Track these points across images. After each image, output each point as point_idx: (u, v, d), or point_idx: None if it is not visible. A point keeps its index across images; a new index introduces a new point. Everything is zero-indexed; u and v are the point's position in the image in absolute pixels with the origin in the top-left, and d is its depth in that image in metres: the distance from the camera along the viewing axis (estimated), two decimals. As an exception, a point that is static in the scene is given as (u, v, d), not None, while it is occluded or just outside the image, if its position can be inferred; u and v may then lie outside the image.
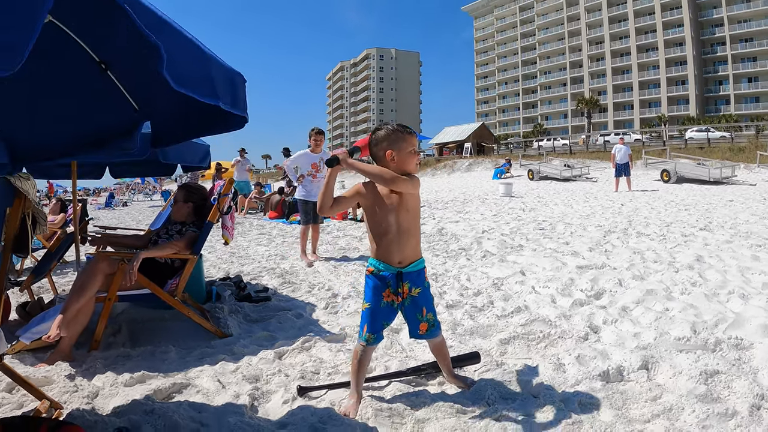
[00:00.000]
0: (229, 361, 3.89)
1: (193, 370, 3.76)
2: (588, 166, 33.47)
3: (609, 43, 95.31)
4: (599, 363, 3.50)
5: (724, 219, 11.48)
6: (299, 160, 8.64)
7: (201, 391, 3.40)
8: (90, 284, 4.01)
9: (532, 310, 4.98)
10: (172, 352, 4.15)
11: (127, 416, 2.87)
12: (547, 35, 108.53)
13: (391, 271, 3.05)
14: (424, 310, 3.15)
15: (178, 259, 4.68)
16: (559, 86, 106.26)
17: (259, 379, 3.58)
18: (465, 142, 64.42)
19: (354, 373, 3.14)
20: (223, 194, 4.87)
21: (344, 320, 5.02)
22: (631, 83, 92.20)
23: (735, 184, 22.60)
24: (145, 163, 7.10)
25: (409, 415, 2.91)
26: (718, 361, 3.42)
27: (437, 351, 3.36)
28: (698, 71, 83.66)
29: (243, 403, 3.16)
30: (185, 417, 2.87)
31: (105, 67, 2.84)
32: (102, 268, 4.09)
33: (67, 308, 3.86)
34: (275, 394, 3.35)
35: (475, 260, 7.70)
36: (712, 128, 45.33)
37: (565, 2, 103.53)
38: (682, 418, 2.77)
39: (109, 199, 36.98)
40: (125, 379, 3.50)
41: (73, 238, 5.95)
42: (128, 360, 4.03)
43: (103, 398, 3.27)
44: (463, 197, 21.98)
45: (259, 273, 7.36)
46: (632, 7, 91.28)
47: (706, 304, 4.85)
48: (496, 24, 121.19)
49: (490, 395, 3.12)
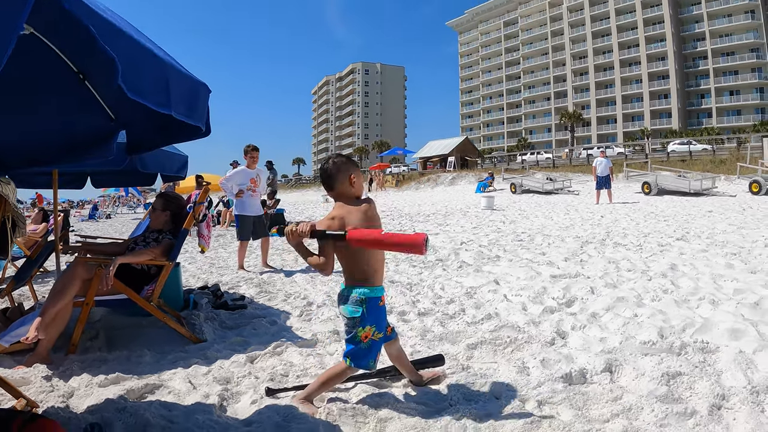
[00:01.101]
0: (201, 365, 3.96)
1: (167, 372, 3.82)
2: (570, 179, 33.66)
3: (592, 58, 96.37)
4: (563, 366, 3.58)
5: (702, 229, 11.64)
6: (236, 177, 8.63)
7: (172, 392, 3.46)
8: (68, 288, 4.07)
9: (502, 317, 5.06)
10: (147, 356, 4.21)
11: (100, 414, 2.93)
12: (531, 50, 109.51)
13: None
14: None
15: (155, 265, 4.73)
16: (543, 100, 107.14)
17: (229, 381, 3.65)
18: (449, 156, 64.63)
19: (323, 383, 3.20)
20: (198, 203, 4.92)
21: (317, 327, 5.08)
22: (614, 97, 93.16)
23: (715, 196, 22.84)
24: (125, 172, 7.12)
25: (372, 415, 2.98)
26: (682, 363, 3.49)
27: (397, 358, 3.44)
28: (680, 85, 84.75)
29: (212, 402, 3.23)
30: (155, 415, 2.93)
31: (83, 77, 2.87)
32: (80, 273, 4.15)
33: (45, 311, 3.91)
34: (244, 395, 3.41)
35: (451, 270, 7.77)
36: (694, 141, 45.82)
37: (549, 17, 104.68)
38: (641, 418, 2.85)
39: (92, 211, 36.84)
40: (100, 380, 3.55)
41: (54, 247, 5.95)
42: (104, 363, 4.08)
43: (78, 398, 3.33)
44: (445, 210, 22.07)
45: (237, 283, 7.40)
46: (615, 22, 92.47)
47: (675, 310, 4.94)
48: (481, 39, 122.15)
49: (453, 396, 3.20)
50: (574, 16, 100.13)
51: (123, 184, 7.47)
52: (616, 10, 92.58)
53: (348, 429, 2.88)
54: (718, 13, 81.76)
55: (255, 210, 8.76)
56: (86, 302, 4.18)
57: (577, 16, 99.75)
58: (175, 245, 4.79)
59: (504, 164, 55.71)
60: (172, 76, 2.34)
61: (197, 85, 2.54)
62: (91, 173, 7.26)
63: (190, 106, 2.47)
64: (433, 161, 68.64)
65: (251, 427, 2.88)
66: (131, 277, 4.60)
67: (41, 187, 6.88)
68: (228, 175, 8.74)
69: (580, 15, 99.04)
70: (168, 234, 4.95)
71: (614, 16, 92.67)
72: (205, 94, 2.60)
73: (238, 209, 8.68)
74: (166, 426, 2.85)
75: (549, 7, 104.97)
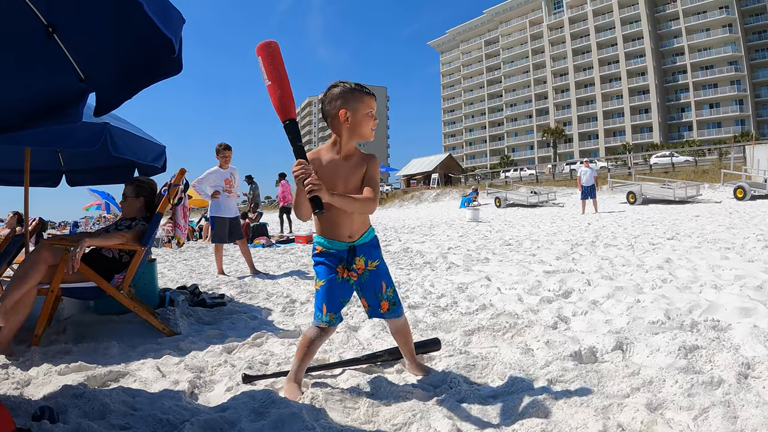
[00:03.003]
0: (174, 355, 3.63)
1: (135, 363, 3.50)
2: (555, 192, 33.65)
3: (573, 75, 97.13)
4: (570, 346, 3.29)
5: (692, 230, 11.48)
6: (209, 178, 8.22)
7: (138, 380, 3.14)
8: (31, 273, 3.73)
9: (498, 306, 4.77)
10: (115, 347, 3.88)
11: (55, 399, 2.62)
12: (513, 68, 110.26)
13: (341, 248, 2.80)
14: (384, 285, 2.90)
15: (126, 253, 4.38)
16: (525, 118, 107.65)
17: (203, 370, 3.32)
18: (432, 173, 64.78)
19: (299, 357, 2.84)
20: (173, 185, 4.59)
21: (301, 320, 4.76)
22: (595, 113, 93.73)
23: (700, 203, 22.86)
24: (101, 169, 6.78)
25: (362, 399, 2.67)
26: (697, 337, 3.26)
27: (399, 334, 3.06)
28: (661, 99, 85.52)
29: (182, 389, 2.90)
30: (117, 401, 2.62)
31: (52, 30, 2.58)
32: (45, 257, 3.81)
33: (5, 297, 3.59)
34: (219, 383, 3.08)
35: (440, 271, 7.47)
36: (676, 153, 46.14)
37: (530, 36, 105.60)
38: (664, 389, 2.58)
39: (73, 228, 36.33)
40: (60, 368, 3.25)
41: (23, 241, 5.58)
42: (68, 354, 3.76)
43: (35, 386, 3.03)
44: (430, 223, 21.84)
45: (217, 285, 7.04)
46: (595, 39, 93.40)
47: (678, 294, 4.72)
48: (462, 58, 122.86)
49: (453, 379, 2.88)
50: (554, 34, 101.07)
51: (99, 182, 7.07)
52: (595, 27, 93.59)
53: (335, 415, 2.54)
54: (696, 28, 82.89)
55: (231, 212, 8.37)
56: (51, 289, 3.84)
57: (557, 34, 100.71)
58: (147, 230, 4.44)
59: (488, 180, 55.76)
60: None
61: (171, 5, 2.21)
62: (66, 171, 6.90)
63: (164, 13, 2.10)
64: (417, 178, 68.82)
65: (225, 413, 2.51)
66: (101, 265, 4.22)
67: (13, 184, 6.46)
68: (201, 177, 8.24)
69: (560, 33, 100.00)
70: (141, 221, 4.60)
71: (594, 32, 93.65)
72: (179, 17, 2.26)
73: (213, 211, 8.30)
74: (128, 412, 2.53)
75: (529, 25, 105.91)
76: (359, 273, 2.83)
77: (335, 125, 2.74)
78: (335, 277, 2.78)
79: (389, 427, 2.37)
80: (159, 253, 12.56)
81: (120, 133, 4.86)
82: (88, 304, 5.16)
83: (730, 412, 2.26)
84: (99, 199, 36.06)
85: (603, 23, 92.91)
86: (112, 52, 2.69)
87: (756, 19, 78.36)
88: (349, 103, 2.68)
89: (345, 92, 2.70)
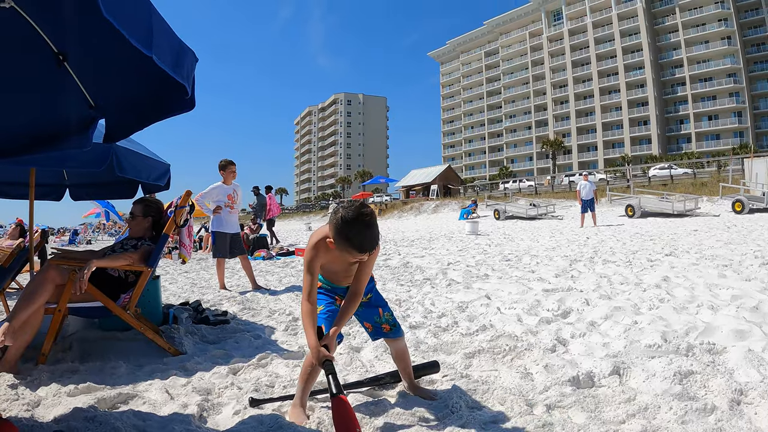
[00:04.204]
0: (180, 376, 3.68)
1: (142, 383, 3.54)
2: (554, 205, 33.73)
3: (572, 86, 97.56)
4: (568, 370, 3.37)
5: (690, 245, 11.56)
6: (212, 193, 8.34)
7: (147, 402, 3.18)
8: (39, 293, 3.77)
9: (498, 327, 4.82)
10: (122, 367, 3.92)
11: (67, 422, 2.67)
12: (512, 80, 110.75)
13: (340, 289, 3.04)
14: (381, 311, 3.07)
15: (132, 273, 4.45)
16: (524, 129, 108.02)
17: (210, 392, 3.37)
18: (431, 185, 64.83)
19: (303, 380, 2.90)
20: (179, 206, 4.66)
21: (304, 340, 4.79)
22: (594, 125, 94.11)
23: (699, 216, 22.96)
24: (104, 184, 6.85)
25: (368, 424, 2.74)
26: (692, 362, 3.35)
27: (398, 358, 3.19)
28: (660, 111, 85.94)
29: (191, 413, 2.95)
30: (128, 424, 2.67)
31: (62, 58, 2.67)
32: (52, 277, 3.86)
33: (14, 316, 3.60)
34: (227, 406, 3.13)
35: (440, 288, 7.53)
36: (674, 165, 46.26)
37: (530, 47, 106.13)
38: (659, 416, 2.66)
39: (72, 236, 36.33)
40: (69, 389, 3.29)
41: (28, 256, 5.64)
42: (75, 374, 3.80)
43: (45, 407, 3.06)
44: (429, 236, 21.89)
45: (219, 301, 7.09)
46: (594, 51, 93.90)
47: (675, 316, 4.78)
48: (462, 69, 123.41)
49: (455, 403, 2.95)
50: (554, 46, 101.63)
51: (102, 197, 7.15)
52: (595, 39, 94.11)
53: (341, 439, 2.61)
54: (695, 40, 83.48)
55: (232, 227, 8.49)
56: (58, 308, 3.89)
57: (556, 46, 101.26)
58: (154, 251, 4.51)
59: (487, 192, 55.82)
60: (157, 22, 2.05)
61: (184, 47, 2.28)
62: (70, 185, 6.97)
63: (176, 60, 2.18)
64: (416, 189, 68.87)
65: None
66: (107, 285, 4.28)
67: (18, 197, 6.54)
68: (204, 192, 8.36)
69: (560, 44, 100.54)
70: (147, 241, 4.67)
71: (593, 45, 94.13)
72: (192, 58, 2.32)
73: (215, 226, 8.39)
74: (139, 437, 2.58)
75: (529, 37, 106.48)
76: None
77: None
78: (334, 303, 2.96)
79: (395, 451, 2.44)
80: (159, 265, 12.58)
81: (126, 153, 4.94)
82: (93, 321, 5.22)
83: (722, 440, 2.33)
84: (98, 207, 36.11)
85: (602, 35, 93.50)
86: (122, 87, 2.76)
87: (755, 31, 78.92)
88: (336, 242, 2.63)
89: (338, 230, 2.59)
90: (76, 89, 2.88)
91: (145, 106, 2.71)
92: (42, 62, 2.68)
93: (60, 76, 2.76)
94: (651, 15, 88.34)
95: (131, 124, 2.84)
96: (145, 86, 2.58)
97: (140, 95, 2.70)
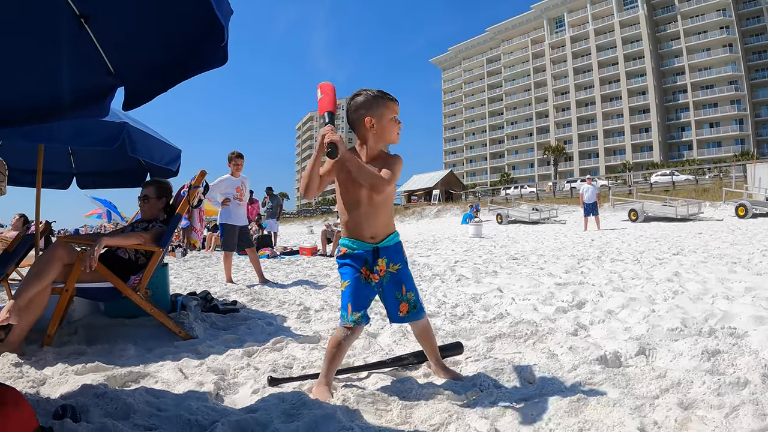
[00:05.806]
0: (193, 358, 3.59)
1: (153, 365, 3.44)
2: (556, 209, 33.70)
3: (574, 93, 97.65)
4: (594, 351, 3.29)
5: (696, 246, 11.49)
6: (220, 186, 8.24)
7: (160, 381, 3.09)
8: (46, 271, 3.67)
9: (515, 315, 4.76)
10: (131, 349, 3.82)
11: (75, 399, 2.57)
12: (514, 86, 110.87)
13: (365, 248, 2.84)
14: (404, 288, 2.89)
15: (143, 255, 4.37)
16: (526, 136, 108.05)
17: (226, 372, 3.28)
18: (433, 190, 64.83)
19: (329, 359, 2.83)
20: (193, 186, 4.59)
21: (318, 326, 4.71)
22: (596, 132, 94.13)
23: (702, 220, 22.92)
24: (112, 173, 6.79)
25: (394, 401, 2.63)
26: (717, 342, 3.30)
27: (422, 337, 3.06)
28: (661, 119, 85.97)
29: (207, 390, 2.86)
30: (140, 401, 2.57)
31: (84, 21, 2.59)
32: (60, 255, 3.77)
33: (20, 294, 3.51)
34: (244, 385, 3.04)
35: (450, 282, 7.41)
36: (676, 171, 46.29)
37: (531, 54, 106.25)
38: (693, 390, 2.60)
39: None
40: (77, 368, 3.19)
41: (33, 242, 5.56)
42: (83, 355, 3.70)
43: (51, 386, 2.97)
44: (432, 239, 21.78)
45: (227, 293, 7.00)
46: (596, 58, 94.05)
47: (692, 305, 4.73)
48: (464, 75, 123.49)
49: (483, 382, 2.88)
50: (556, 53, 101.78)
51: (109, 186, 7.07)
52: (597, 46, 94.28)
53: (369, 416, 2.50)
54: (696, 48, 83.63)
55: (241, 220, 8.40)
56: (66, 288, 3.80)
57: (558, 53, 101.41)
58: (166, 232, 4.42)
59: (489, 197, 55.81)
60: None
61: None
62: (77, 173, 6.91)
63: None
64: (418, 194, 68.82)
65: (256, 414, 2.47)
66: (117, 266, 4.18)
67: (25, 185, 6.46)
68: (212, 184, 8.19)
69: (562, 51, 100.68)
70: (158, 223, 4.60)
71: (595, 52, 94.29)
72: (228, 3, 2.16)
73: (224, 218, 8.30)
74: (153, 413, 2.49)
75: (531, 44, 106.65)
76: (381, 275, 2.85)
77: (361, 132, 2.85)
78: (360, 277, 2.81)
79: (427, 427, 2.35)
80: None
81: (138, 133, 4.87)
82: (99, 307, 5.13)
83: (759, 410, 2.28)
84: (100, 207, 35.87)
85: (604, 42, 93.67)
86: (149, 42, 2.65)
87: (756, 39, 79.09)
88: (373, 110, 2.78)
89: (369, 100, 2.82)
90: (96, 54, 2.80)
91: (172, 60, 2.60)
92: (63, 25, 2.61)
93: (80, 41, 2.68)
94: (653, 22, 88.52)
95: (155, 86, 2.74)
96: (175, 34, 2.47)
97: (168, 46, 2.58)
